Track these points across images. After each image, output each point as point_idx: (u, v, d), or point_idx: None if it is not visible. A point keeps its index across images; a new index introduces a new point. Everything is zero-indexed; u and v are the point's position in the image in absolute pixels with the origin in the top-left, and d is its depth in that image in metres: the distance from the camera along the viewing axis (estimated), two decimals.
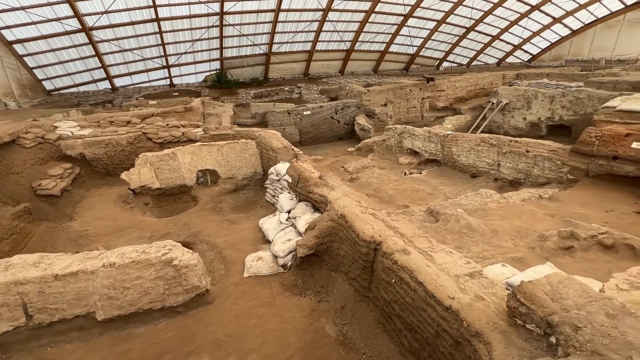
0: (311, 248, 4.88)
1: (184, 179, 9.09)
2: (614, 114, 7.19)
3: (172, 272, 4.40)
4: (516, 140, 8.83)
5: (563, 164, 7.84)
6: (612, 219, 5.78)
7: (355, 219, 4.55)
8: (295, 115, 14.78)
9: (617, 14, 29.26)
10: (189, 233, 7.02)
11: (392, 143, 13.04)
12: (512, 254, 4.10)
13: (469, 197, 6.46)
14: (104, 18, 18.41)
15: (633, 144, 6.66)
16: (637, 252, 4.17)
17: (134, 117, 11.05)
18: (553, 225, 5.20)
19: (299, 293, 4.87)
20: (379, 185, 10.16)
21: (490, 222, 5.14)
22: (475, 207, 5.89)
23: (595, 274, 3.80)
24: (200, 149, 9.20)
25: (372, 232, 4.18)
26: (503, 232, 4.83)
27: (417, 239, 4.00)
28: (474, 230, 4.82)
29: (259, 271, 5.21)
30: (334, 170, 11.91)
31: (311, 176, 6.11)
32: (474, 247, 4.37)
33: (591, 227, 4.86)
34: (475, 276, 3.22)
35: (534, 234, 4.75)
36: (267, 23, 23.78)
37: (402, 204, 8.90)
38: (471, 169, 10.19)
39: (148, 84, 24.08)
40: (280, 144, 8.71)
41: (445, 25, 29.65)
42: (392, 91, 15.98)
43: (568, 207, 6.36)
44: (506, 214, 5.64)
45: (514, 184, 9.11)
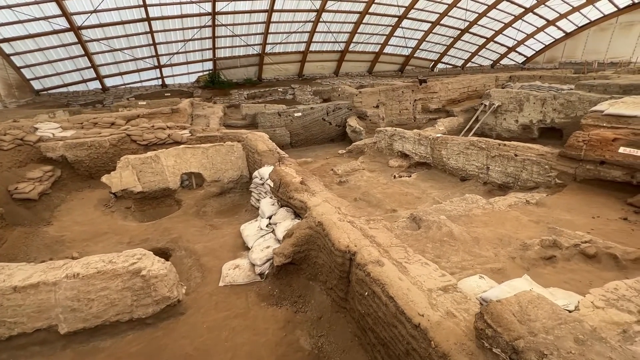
0: (288, 256, 4.72)
1: (168, 182, 8.89)
2: (601, 118, 7.11)
3: (141, 282, 4.21)
4: (505, 144, 8.73)
5: (551, 168, 7.75)
6: (598, 226, 5.68)
7: (332, 227, 4.40)
8: (285, 117, 14.61)
9: (609, 17, 29.45)
10: (169, 239, 6.83)
11: (383, 145, 12.92)
12: (492, 264, 3.97)
13: (454, 202, 6.33)
14: (93, 17, 18.14)
15: (620, 149, 6.57)
16: (619, 262, 4.06)
17: (118, 118, 10.82)
18: (537, 233, 5.08)
19: (275, 303, 4.71)
20: (368, 189, 10.02)
21: (473, 230, 5.01)
22: (459, 214, 5.75)
23: (575, 286, 3.68)
24: (184, 151, 9.00)
25: (347, 242, 4.03)
26: (485, 240, 4.70)
27: (393, 248, 3.86)
28: (456, 239, 4.68)
29: (235, 280, 5.03)
30: (323, 173, 11.78)
31: (292, 181, 5.95)
32: (453, 256, 4.23)
33: (575, 235, 4.75)
34: (449, 290, 3.07)
35: (517, 242, 4.62)
36: (260, 23, 23.61)
37: (390, 208, 8.77)
38: (461, 173, 10.09)
39: (140, 84, 23.79)
40: (266, 146, 8.54)
41: (440, 27, 29.66)
42: (384, 93, 15.87)
43: (554, 213, 6.25)
44: (490, 221, 5.51)
45: (503, 188, 9.02)
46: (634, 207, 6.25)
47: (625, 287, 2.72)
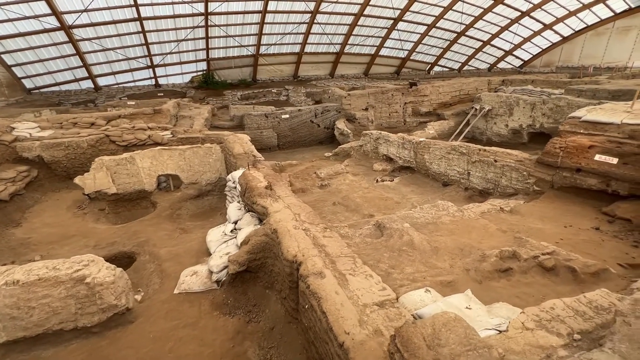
0: (242, 264, 4.59)
1: (143, 184, 8.79)
2: (579, 125, 6.97)
3: (85, 290, 4.09)
4: (485, 149, 8.60)
5: (529, 175, 7.61)
6: (568, 235, 5.54)
7: (285, 235, 4.28)
8: (273, 119, 14.50)
9: (606, 22, 29.30)
10: (136, 242, 6.71)
11: (368, 149, 12.79)
12: (444, 276, 3.83)
13: (424, 209, 6.20)
14: (84, 16, 18.09)
15: (596, 157, 6.43)
16: (578, 275, 3.92)
17: (98, 118, 10.73)
18: (502, 242, 4.94)
19: (228, 312, 4.58)
20: (349, 193, 9.89)
21: (435, 239, 4.88)
22: (426, 221, 5.62)
23: (527, 300, 3.54)
24: (160, 153, 8.90)
25: (296, 251, 3.90)
26: (445, 250, 4.57)
27: (341, 259, 3.73)
28: (415, 248, 4.55)
29: (191, 287, 4.91)
30: (306, 176, 11.65)
31: (257, 185, 5.83)
32: (408, 267, 4.10)
33: (538, 246, 4.61)
34: (386, 305, 2.94)
35: (478, 252, 4.49)
36: (254, 24, 23.55)
37: (367, 213, 8.63)
38: (443, 178, 9.96)
39: (133, 83, 23.75)
40: (242, 149, 8.42)
41: (436, 29, 29.56)
42: (374, 95, 15.76)
43: (526, 222, 6.11)
44: (457, 229, 5.38)
45: (484, 194, 8.88)
46: (609, 217, 6.11)
47: (562, 307, 2.59)
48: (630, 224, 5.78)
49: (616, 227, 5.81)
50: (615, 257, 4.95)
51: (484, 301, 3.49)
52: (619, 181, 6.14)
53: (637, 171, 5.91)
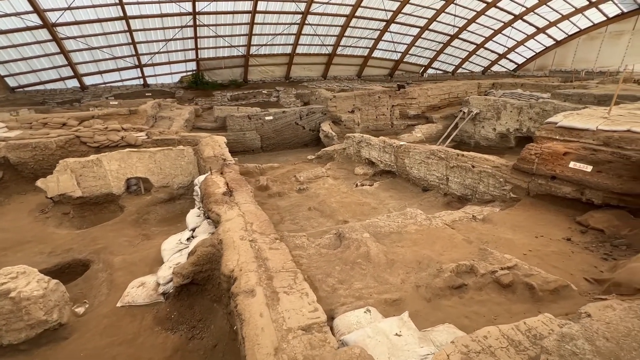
0: (186, 277, 4.32)
1: (111, 188, 8.50)
2: (554, 131, 6.75)
3: (10, 305, 3.81)
4: (463, 154, 8.37)
5: (506, 182, 7.38)
6: (538, 247, 5.30)
7: (229, 247, 4.01)
8: (256, 120, 14.24)
9: (599, 26, 29.28)
10: (93, 249, 6.42)
11: (351, 152, 12.55)
12: (391, 293, 3.58)
13: (391, 217, 5.94)
14: (68, 14, 17.79)
15: (570, 164, 6.21)
16: (535, 292, 3.67)
17: (70, 119, 10.43)
18: (465, 255, 4.69)
19: (170, 328, 4.30)
20: (326, 198, 9.63)
21: (395, 250, 4.62)
22: (391, 230, 5.37)
23: (476, 321, 3.29)
24: (129, 155, 8.61)
25: (234, 265, 3.64)
26: (402, 263, 4.31)
27: (281, 274, 3.47)
28: (370, 261, 4.30)
29: (135, 300, 4.63)
30: (285, 179, 11.39)
31: (214, 192, 5.57)
32: (357, 282, 3.84)
33: (501, 259, 4.36)
34: (312, 330, 2.68)
35: (436, 266, 4.24)
36: (244, 24, 23.32)
37: (342, 219, 8.37)
38: (422, 182, 9.72)
39: (120, 83, 23.44)
40: (212, 152, 8.15)
41: (429, 32, 29.45)
42: (360, 97, 15.53)
43: (497, 231, 5.87)
44: (421, 239, 5.13)
45: (462, 200, 8.65)
46: (582, 226, 5.88)
47: (497, 335, 2.34)
48: (602, 234, 5.56)
49: (588, 237, 5.58)
50: (583, 270, 4.72)
51: (430, 322, 3.24)
52: (592, 190, 5.92)
53: (610, 179, 5.69)
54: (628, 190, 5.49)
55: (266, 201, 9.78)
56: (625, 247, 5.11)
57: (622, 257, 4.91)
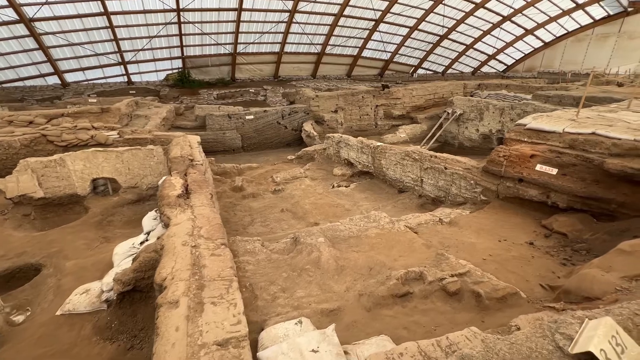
0: (127, 284, 4.12)
1: (75, 188, 8.22)
2: (523, 133, 6.67)
3: None
4: (436, 156, 8.27)
5: (476, 184, 7.30)
6: (499, 251, 5.21)
7: (168, 253, 3.83)
8: (237, 120, 14.02)
9: (586, 28, 29.57)
10: (47, 253, 6.16)
11: (331, 152, 12.41)
12: (331, 303, 3.43)
13: (354, 220, 5.80)
14: (46, 9, 17.32)
15: (537, 166, 6.13)
16: (482, 300, 3.56)
17: (38, 117, 10.11)
18: (421, 260, 4.57)
19: (109, 338, 4.10)
20: (300, 199, 9.48)
21: (348, 256, 4.48)
22: (350, 234, 5.23)
23: (415, 332, 3.15)
24: (95, 155, 8.34)
25: (168, 273, 3.46)
26: (352, 269, 4.17)
27: (215, 283, 3.30)
28: (319, 267, 4.15)
29: (76, 308, 4.41)
30: (262, 180, 11.20)
31: (169, 194, 5.37)
32: (301, 290, 3.68)
33: (455, 265, 4.25)
34: (229, 345, 2.52)
35: (387, 272, 4.10)
36: (230, 22, 23.00)
37: (313, 221, 8.23)
38: (398, 184, 9.62)
39: (104, 80, 22.98)
40: (179, 152, 7.93)
41: (418, 32, 29.43)
42: (343, 97, 15.39)
43: (461, 235, 5.77)
44: (380, 244, 4.99)
45: (436, 202, 8.56)
46: (547, 230, 5.81)
47: (414, 352, 2.20)
48: (565, 238, 5.49)
49: (551, 241, 5.51)
50: (540, 276, 4.64)
51: (366, 333, 3.10)
52: (557, 193, 5.85)
53: (574, 183, 5.62)
54: (591, 194, 5.43)
55: (239, 202, 9.60)
56: (585, 251, 5.04)
57: (580, 262, 4.83)
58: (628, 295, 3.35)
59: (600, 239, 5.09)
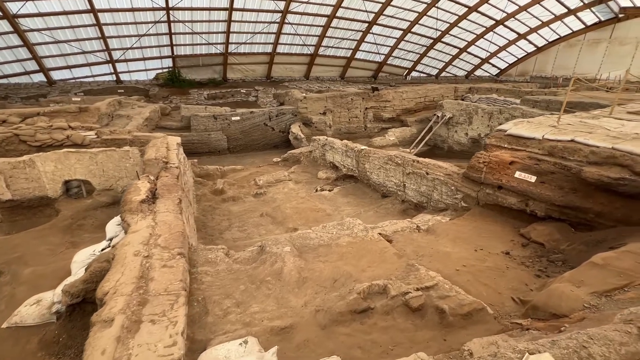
0: (76, 295, 3.89)
1: (46, 190, 7.94)
2: (503, 139, 6.54)
3: None
4: (418, 161, 8.12)
5: (457, 190, 7.15)
6: (473, 261, 5.04)
7: (117, 264, 3.60)
8: (222, 121, 13.78)
9: (578, 34, 29.75)
10: (7, 259, 5.89)
11: (317, 155, 12.22)
12: (284, 319, 3.23)
13: (327, 227, 5.61)
14: (30, 5, 16.96)
15: (516, 173, 5.99)
16: (445, 317, 3.38)
17: (11, 115, 9.81)
18: (389, 271, 4.38)
19: (56, 353, 3.85)
20: (282, 203, 9.27)
21: (313, 267, 4.28)
22: (321, 243, 5.03)
23: (370, 352, 2.96)
24: (67, 156, 8.07)
25: (111, 286, 3.24)
26: (315, 281, 3.97)
27: (159, 298, 3.09)
28: (280, 279, 3.95)
29: (24, 320, 4.16)
30: (245, 183, 10.98)
31: (132, 199, 5.14)
32: (256, 305, 3.48)
33: (424, 277, 4.07)
34: None
35: (352, 284, 3.91)
36: (221, 22, 22.76)
37: (292, 227, 8.04)
38: (382, 188, 9.45)
39: (92, 78, 22.59)
40: (153, 154, 7.68)
41: (412, 35, 29.40)
42: (332, 99, 15.22)
43: (437, 243, 5.61)
44: (349, 253, 4.80)
45: (419, 208, 8.40)
46: (525, 239, 5.66)
47: None
48: (542, 248, 5.35)
49: (528, 251, 5.36)
50: (513, 288, 4.48)
51: (317, 354, 2.90)
52: (536, 201, 5.71)
53: (552, 191, 5.48)
54: (568, 203, 5.29)
55: (219, 206, 9.37)
56: (561, 262, 4.90)
57: (555, 273, 4.68)
58: (596, 313, 3.19)
59: (577, 249, 4.95)
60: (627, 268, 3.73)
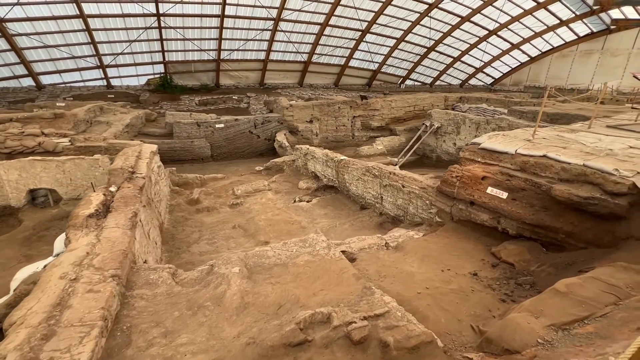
0: None
1: (8, 199, 7.69)
2: (477, 153, 6.32)
3: None
4: (394, 173, 7.89)
5: (431, 205, 6.91)
6: (438, 283, 4.78)
7: (37, 288, 3.34)
8: (206, 128, 13.58)
9: (570, 44, 29.87)
10: None
11: (300, 164, 12.00)
12: (210, 354, 2.94)
13: (287, 244, 5.33)
14: (18, 10, 16.88)
15: (488, 189, 5.76)
16: (389, 351, 3.10)
17: None
18: (344, 295, 4.11)
19: None
20: (257, 214, 9.01)
21: (260, 290, 4.00)
22: (277, 262, 4.76)
23: None
24: (32, 164, 7.83)
25: (20, 315, 2.96)
26: (258, 307, 3.70)
27: (70, 330, 2.81)
28: (221, 304, 3.67)
29: None
30: (222, 192, 10.72)
31: (79, 213, 4.88)
32: (186, 335, 3.20)
33: (378, 302, 3.79)
34: None
35: (297, 311, 3.63)
36: (213, 28, 22.74)
37: (263, 240, 7.77)
38: (361, 200, 9.21)
39: (82, 83, 22.45)
40: (121, 163, 7.43)
41: (406, 43, 29.46)
42: (318, 107, 15.06)
43: (403, 262, 5.34)
44: (305, 274, 4.53)
45: (396, 221, 8.15)
46: (496, 258, 5.40)
47: None
48: (513, 269, 5.08)
49: (497, 272, 5.09)
50: (474, 315, 4.21)
51: None
52: (507, 219, 5.46)
53: (523, 209, 5.24)
54: (539, 222, 5.04)
55: (192, 217, 9.09)
56: (529, 286, 4.63)
57: (521, 298, 4.41)
58: (549, 350, 2.92)
59: (546, 271, 4.69)
60: (589, 297, 3.47)
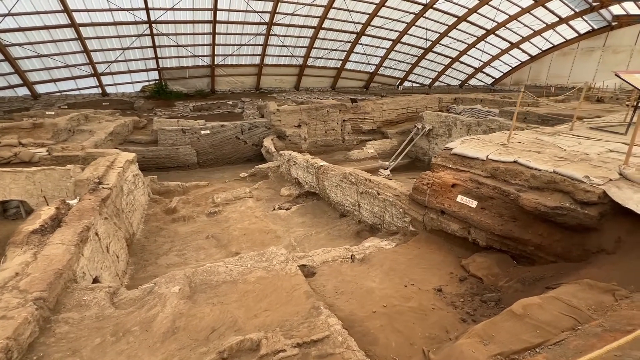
0: None
1: None
2: (449, 158, 6.00)
3: None
4: (370, 180, 7.60)
5: (405, 213, 6.60)
6: (398, 299, 4.47)
7: None
8: (191, 135, 13.46)
9: (571, 42, 29.27)
10: None
11: (284, 170, 11.77)
12: None
13: (243, 259, 5.07)
14: (9, 20, 17.07)
15: (458, 197, 5.44)
16: None
17: None
18: (289, 315, 3.83)
19: None
20: (234, 223, 8.78)
21: (197, 311, 3.75)
22: (226, 279, 4.50)
23: None
24: (0, 176, 7.72)
25: None
26: (188, 332, 3.44)
27: None
28: (148, 329, 3.43)
29: None
30: (201, 200, 10.52)
31: (23, 229, 4.70)
32: None
33: (319, 326, 3.51)
34: None
35: (230, 335, 3.37)
36: (206, 34, 22.78)
37: (235, 250, 7.53)
38: (340, 208, 8.93)
39: (77, 92, 22.62)
40: (89, 173, 7.28)
41: (402, 45, 29.18)
42: (307, 112, 14.85)
43: (364, 277, 5.04)
44: (253, 292, 4.27)
45: (373, 229, 7.84)
46: (464, 271, 5.07)
47: None
48: (481, 284, 4.74)
49: (464, 287, 4.76)
50: (429, 337, 3.88)
51: None
52: (477, 229, 5.14)
53: (492, 219, 4.91)
54: (507, 233, 4.71)
55: (167, 226, 8.89)
56: (494, 303, 4.30)
57: (484, 317, 4.08)
58: None
59: (513, 287, 4.35)
60: (546, 321, 3.13)
